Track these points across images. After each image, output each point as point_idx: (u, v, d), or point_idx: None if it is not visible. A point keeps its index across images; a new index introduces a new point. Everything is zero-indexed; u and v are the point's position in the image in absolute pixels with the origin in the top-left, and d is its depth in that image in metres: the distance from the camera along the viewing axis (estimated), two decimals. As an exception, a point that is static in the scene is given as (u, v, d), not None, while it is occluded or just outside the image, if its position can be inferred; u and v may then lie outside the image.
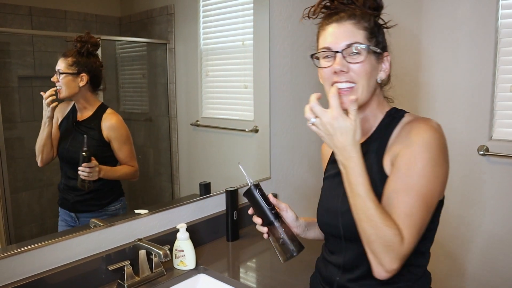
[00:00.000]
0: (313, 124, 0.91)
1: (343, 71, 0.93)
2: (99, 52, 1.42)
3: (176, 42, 1.73)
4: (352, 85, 0.94)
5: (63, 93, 1.35)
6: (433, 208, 0.90)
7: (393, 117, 1.00)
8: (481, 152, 2.03)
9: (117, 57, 1.57)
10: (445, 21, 2.08)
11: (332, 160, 1.13)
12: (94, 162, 1.36)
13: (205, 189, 1.68)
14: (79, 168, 1.35)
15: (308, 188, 2.18)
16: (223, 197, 1.69)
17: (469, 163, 2.07)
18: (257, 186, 1.04)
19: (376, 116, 1.02)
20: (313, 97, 0.92)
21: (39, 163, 1.33)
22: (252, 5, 1.85)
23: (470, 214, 2.11)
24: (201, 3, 1.86)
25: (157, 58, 1.72)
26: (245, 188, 1.06)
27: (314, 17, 1.03)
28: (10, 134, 1.26)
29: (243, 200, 1.79)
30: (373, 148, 0.98)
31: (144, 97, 1.69)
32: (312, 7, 1.04)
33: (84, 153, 1.34)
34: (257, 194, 1.04)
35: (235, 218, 1.65)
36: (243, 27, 1.91)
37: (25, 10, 1.27)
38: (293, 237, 1.04)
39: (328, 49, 0.96)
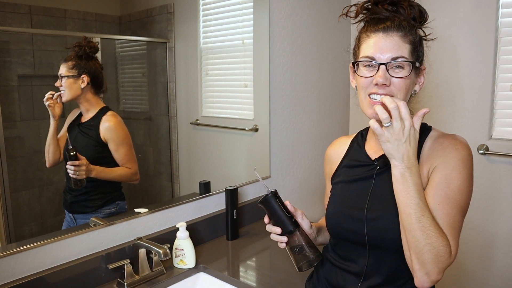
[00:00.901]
0: (386, 127, 0.88)
1: (385, 84, 0.93)
2: (98, 51, 1.42)
3: (176, 41, 1.73)
4: None
5: (66, 96, 1.37)
6: None
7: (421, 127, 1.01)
8: (481, 151, 2.03)
9: (116, 56, 1.57)
10: (445, 20, 2.08)
11: (346, 165, 1.12)
12: (81, 161, 1.36)
13: (205, 188, 1.68)
14: (66, 166, 1.35)
15: (308, 188, 2.19)
16: (223, 196, 1.69)
17: (469, 162, 2.07)
18: (275, 194, 1.00)
19: None
20: (390, 99, 0.87)
21: (46, 164, 1.35)
22: (252, 4, 1.85)
23: (469, 213, 2.10)
24: (201, 2, 1.86)
25: (157, 57, 1.72)
26: (246, 189, 1.03)
27: (353, 17, 1.01)
28: (10, 133, 1.26)
29: (243, 199, 1.79)
30: None
31: (144, 96, 1.69)
32: (353, 5, 1.01)
33: (68, 151, 1.34)
34: (275, 203, 0.99)
35: (234, 217, 1.65)
36: (243, 26, 1.91)
37: (24, 9, 1.27)
38: (312, 246, 1.00)
39: (372, 59, 0.94)
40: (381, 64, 0.92)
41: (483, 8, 1.96)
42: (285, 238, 1.00)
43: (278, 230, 1.00)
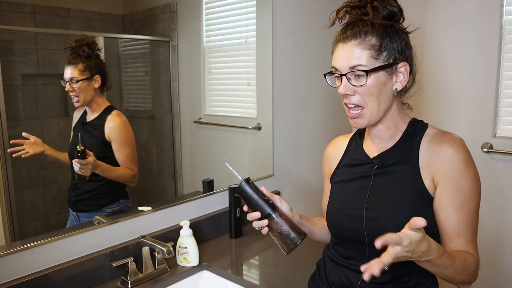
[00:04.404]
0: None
1: (348, 94, 0.95)
2: (102, 50, 1.43)
3: (179, 39, 1.73)
4: (361, 109, 0.96)
5: (81, 101, 1.38)
6: None
7: (416, 127, 1.02)
8: (485, 150, 2.02)
9: (120, 54, 1.57)
10: (449, 17, 2.07)
11: (345, 164, 1.12)
12: (88, 159, 1.36)
13: (208, 186, 1.69)
14: (73, 160, 1.36)
15: (312, 186, 2.18)
16: (226, 194, 1.70)
17: (473, 160, 2.07)
18: (248, 180, 1.02)
19: (397, 124, 1.02)
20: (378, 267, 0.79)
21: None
22: (255, 2, 1.85)
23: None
24: (204, 1, 1.86)
25: (160, 55, 1.72)
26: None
27: (337, 21, 1.04)
28: (14, 132, 1.26)
29: (246, 198, 1.79)
30: (403, 157, 0.99)
31: (147, 94, 1.69)
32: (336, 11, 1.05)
33: (76, 149, 1.35)
34: (249, 188, 1.00)
35: (238, 215, 1.65)
36: (246, 24, 1.91)
37: (28, 8, 1.27)
38: (293, 225, 1.00)
39: (336, 70, 0.97)
40: (341, 75, 0.95)
41: (487, 5, 1.95)
42: (265, 222, 0.99)
43: (257, 214, 1.00)
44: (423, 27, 2.15)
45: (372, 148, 1.06)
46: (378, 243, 0.77)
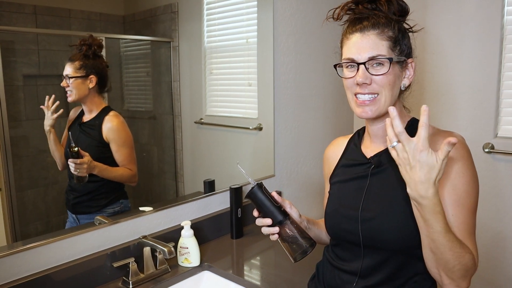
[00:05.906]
0: (393, 148, 0.84)
1: (365, 83, 0.94)
2: (103, 51, 1.43)
3: (180, 40, 1.73)
4: (375, 95, 0.95)
5: (73, 96, 1.38)
6: None
7: (415, 126, 1.00)
8: (487, 150, 2.02)
9: (121, 55, 1.57)
10: (450, 17, 2.07)
11: (343, 165, 1.12)
12: (83, 159, 1.36)
13: (209, 187, 1.69)
14: (68, 160, 1.36)
15: (313, 186, 2.18)
16: (227, 195, 1.70)
17: (474, 160, 2.06)
18: (260, 185, 0.99)
19: None
20: (398, 121, 0.82)
21: (59, 168, 1.37)
22: (256, 2, 1.85)
23: (475, 212, 2.10)
24: (205, 1, 1.86)
25: (161, 56, 1.72)
26: (248, 187, 1.02)
27: (338, 19, 1.02)
28: (15, 133, 1.26)
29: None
30: None
31: (148, 95, 1.69)
32: (337, 8, 1.03)
33: (70, 148, 1.35)
34: (262, 194, 0.98)
35: (239, 216, 1.65)
36: (247, 24, 1.91)
37: (29, 9, 1.27)
38: (303, 233, 0.99)
39: (352, 61, 0.95)
40: (359, 64, 0.94)
41: (488, 5, 1.95)
42: (276, 229, 0.99)
43: (268, 221, 0.99)
44: (424, 27, 2.15)
45: (370, 148, 1.06)
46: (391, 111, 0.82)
